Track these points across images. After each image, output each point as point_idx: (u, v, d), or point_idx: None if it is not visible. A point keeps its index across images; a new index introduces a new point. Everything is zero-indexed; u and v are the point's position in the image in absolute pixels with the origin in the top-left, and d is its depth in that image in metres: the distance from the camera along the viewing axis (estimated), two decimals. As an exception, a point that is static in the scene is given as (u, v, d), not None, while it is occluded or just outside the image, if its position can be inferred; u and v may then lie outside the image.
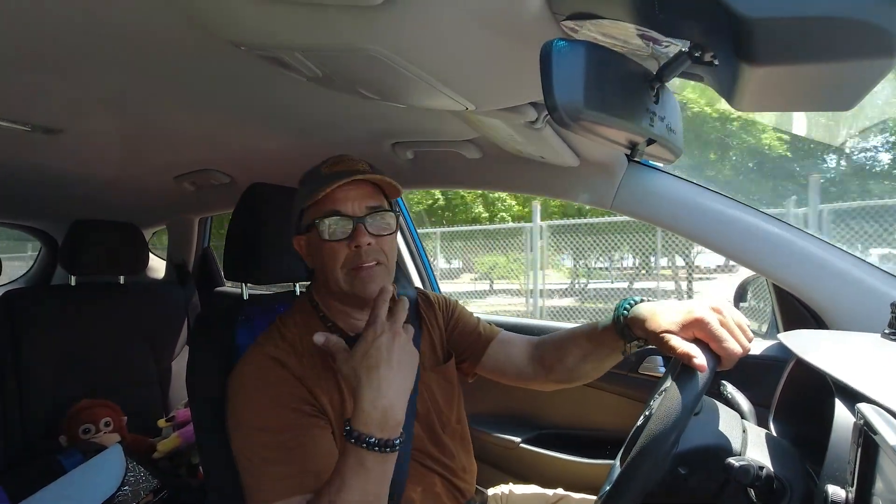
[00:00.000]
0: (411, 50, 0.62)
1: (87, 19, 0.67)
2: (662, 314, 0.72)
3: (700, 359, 0.62)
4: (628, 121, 0.53)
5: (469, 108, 0.81)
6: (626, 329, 0.79)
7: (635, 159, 1.13)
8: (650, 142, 0.58)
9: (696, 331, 0.66)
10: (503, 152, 1.20)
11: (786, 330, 1.09)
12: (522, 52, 0.63)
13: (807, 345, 0.74)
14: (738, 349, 0.64)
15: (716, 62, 0.49)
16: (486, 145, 1.19)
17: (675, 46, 0.58)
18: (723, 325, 0.66)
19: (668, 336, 0.68)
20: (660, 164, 1.12)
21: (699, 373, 0.62)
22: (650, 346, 0.78)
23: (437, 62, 0.66)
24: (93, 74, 0.87)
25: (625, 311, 0.80)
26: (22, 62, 0.81)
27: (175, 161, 1.51)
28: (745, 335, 0.66)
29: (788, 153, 7.48)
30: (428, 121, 1.08)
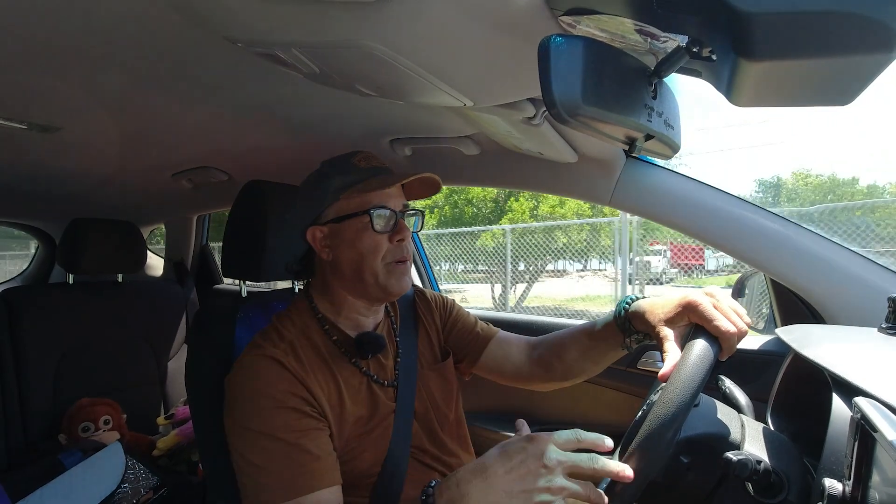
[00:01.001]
0: (408, 46, 0.62)
1: (83, 17, 0.67)
2: (660, 305, 0.75)
3: (668, 364, 0.66)
4: (626, 116, 0.53)
5: (467, 105, 0.81)
6: (628, 323, 0.81)
7: (633, 155, 1.13)
8: (648, 137, 0.58)
9: (690, 314, 0.69)
10: (501, 148, 1.19)
11: (783, 325, 1.10)
12: (520, 48, 0.63)
13: (804, 339, 0.75)
14: (732, 328, 0.65)
15: (713, 57, 0.49)
16: (484, 141, 1.19)
17: (672, 42, 0.58)
18: (716, 307, 0.67)
19: (663, 332, 0.71)
20: (658, 160, 1.12)
21: (700, 363, 0.62)
22: (650, 342, 0.79)
23: (435, 58, 0.65)
24: (90, 72, 0.86)
25: (626, 306, 0.82)
26: (18, 60, 0.81)
27: (173, 159, 1.51)
28: (741, 318, 0.68)
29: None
30: (426, 117, 1.08)
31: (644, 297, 0.82)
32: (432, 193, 0.92)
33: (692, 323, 0.70)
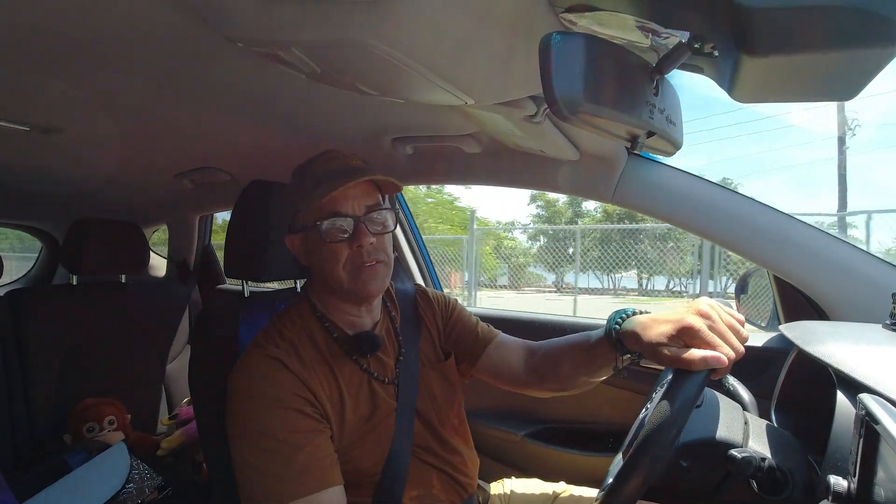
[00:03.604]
0: (409, 44, 0.62)
1: (84, 18, 0.67)
2: (652, 327, 0.69)
3: (698, 361, 0.61)
4: (628, 113, 0.53)
5: (468, 103, 0.81)
6: (619, 343, 0.76)
7: (635, 152, 1.12)
8: (650, 134, 0.58)
9: (687, 339, 0.64)
10: (503, 146, 1.19)
11: (787, 321, 1.10)
12: (521, 46, 0.63)
13: (808, 336, 0.74)
14: (729, 353, 0.62)
15: (716, 53, 0.49)
16: (485, 140, 1.19)
17: (674, 38, 0.58)
18: (713, 329, 0.63)
19: (661, 349, 0.66)
20: (660, 157, 1.12)
21: (691, 384, 0.60)
22: (643, 361, 0.75)
23: (436, 57, 0.65)
24: (92, 73, 0.86)
25: (616, 325, 0.77)
26: (19, 62, 0.81)
27: (175, 159, 1.51)
28: (739, 336, 0.64)
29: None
30: (427, 116, 1.08)
31: (639, 312, 0.77)
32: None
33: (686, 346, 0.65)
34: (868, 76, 0.46)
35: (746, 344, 0.65)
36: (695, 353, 0.62)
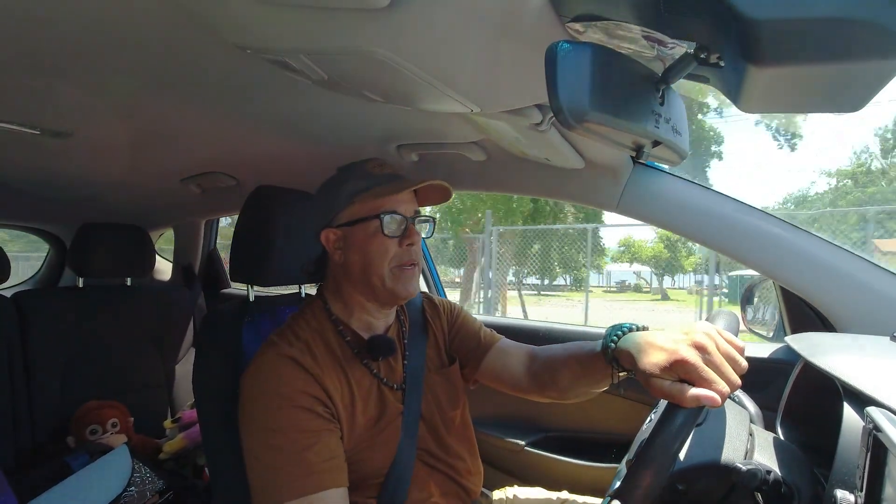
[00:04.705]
0: (416, 52, 0.62)
1: (94, 24, 0.68)
2: (647, 353, 0.66)
3: (690, 399, 0.59)
4: (633, 123, 0.53)
5: (474, 111, 0.81)
6: (615, 360, 0.75)
7: (641, 161, 1.12)
8: (656, 143, 0.58)
9: (681, 373, 0.61)
10: (508, 154, 1.20)
11: (793, 332, 1.09)
12: (527, 55, 0.63)
13: (814, 348, 0.74)
14: (724, 390, 0.59)
15: (721, 64, 0.49)
16: (490, 147, 1.19)
17: (680, 48, 0.58)
18: (708, 363, 0.60)
19: (653, 381, 0.64)
20: (665, 166, 1.12)
21: (683, 418, 0.59)
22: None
23: (443, 64, 0.66)
24: (101, 79, 0.87)
25: (612, 343, 0.76)
26: (30, 67, 0.82)
27: (182, 164, 1.52)
28: (737, 367, 0.62)
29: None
30: (433, 123, 1.08)
31: (637, 330, 0.75)
32: (443, 200, 0.94)
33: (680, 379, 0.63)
34: (874, 88, 0.46)
35: (752, 356, 0.65)
36: (687, 391, 0.59)
